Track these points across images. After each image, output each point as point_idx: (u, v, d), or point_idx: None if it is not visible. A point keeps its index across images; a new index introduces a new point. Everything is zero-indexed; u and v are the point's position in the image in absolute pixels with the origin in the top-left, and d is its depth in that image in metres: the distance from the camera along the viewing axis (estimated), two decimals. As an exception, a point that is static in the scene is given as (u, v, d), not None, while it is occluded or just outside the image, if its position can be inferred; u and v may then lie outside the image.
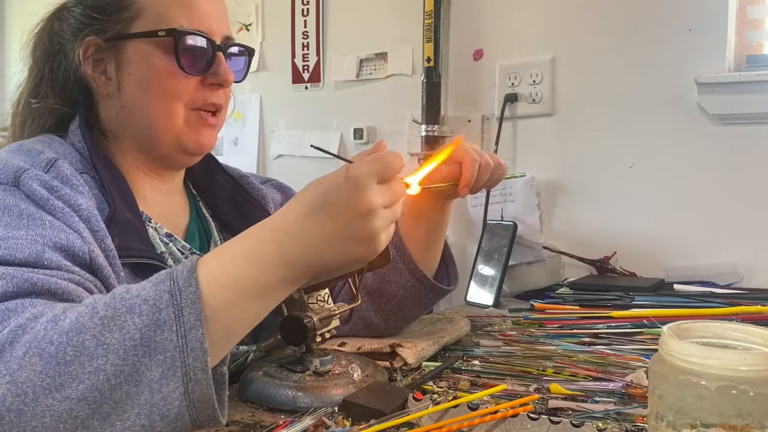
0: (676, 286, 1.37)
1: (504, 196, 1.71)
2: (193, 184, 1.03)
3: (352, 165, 0.66)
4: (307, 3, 2.03)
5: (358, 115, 1.95)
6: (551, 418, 0.69)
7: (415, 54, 1.84)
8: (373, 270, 0.90)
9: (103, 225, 0.76)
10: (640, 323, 1.07)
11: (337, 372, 0.83)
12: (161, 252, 0.87)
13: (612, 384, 0.84)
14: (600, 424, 0.69)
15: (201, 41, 0.86)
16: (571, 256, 1.60)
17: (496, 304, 1.47)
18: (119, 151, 0.90)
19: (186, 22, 0.85)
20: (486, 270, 1.55)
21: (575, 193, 1.65)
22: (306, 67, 2.05)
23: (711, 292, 1.31)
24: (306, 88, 2.06)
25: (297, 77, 2.07)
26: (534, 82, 1.68)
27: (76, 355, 0.54)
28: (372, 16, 1.92)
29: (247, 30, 2.15)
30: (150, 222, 0.89)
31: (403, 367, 0.92)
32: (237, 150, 2.20)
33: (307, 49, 2.04)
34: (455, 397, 0.76)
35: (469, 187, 0.91)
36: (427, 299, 1.02)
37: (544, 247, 1.62)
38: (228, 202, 1.01)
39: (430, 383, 0.86)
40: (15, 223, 0.68)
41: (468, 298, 1.54)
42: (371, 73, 1.93)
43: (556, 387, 0.82)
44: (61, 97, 0.91)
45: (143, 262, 0.79)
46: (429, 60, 1.73)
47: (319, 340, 0.82)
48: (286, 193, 1.11)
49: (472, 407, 0.72)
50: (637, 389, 0.81)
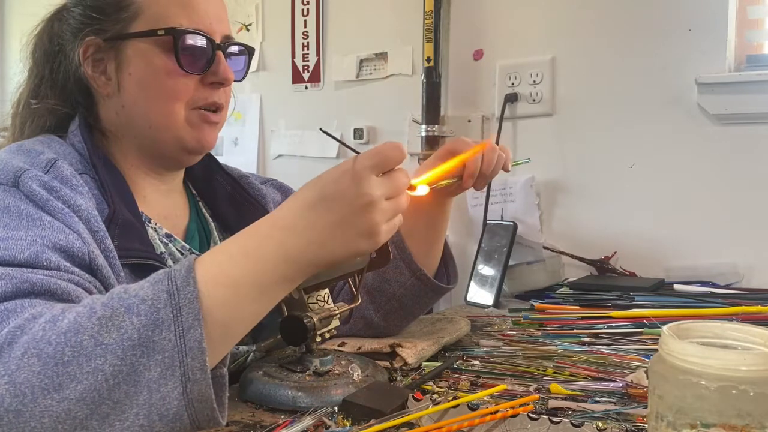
0: (676, 286, 1.37)
1: (504, 196, 1.71)
2: (192, 184, 1.03)
3: (350, 158, 0.67)
4: (307, 3, 2.03)
5: (358, 115, 1.95)
6: (551, 418, 0.69)
7: (415, 54, 1.84)
8: (374, 269, 0.90)
9: (103, 225, 0.76)
10: (640, 323, 1.07)
11: (337, 372, 0.83)
12: (161, 252, 0.87)
13: (612, 384, 0.84)
14: (600, 424, 0.69)
15: (201, 40, 0.86)
16: (571, 256, 1.60)
17: (496, 304, 1.47)
18: (119, 151, 0.90)
19: (186, 22, 0.85)
20: (486, 270, 1.55)
21: (575, 193, 1.65)
22: (306, 67, 2.05)
23: (711, 292, 1.31)
24: (306, 88, 2.06)
25: (297, 77, 2.07)
26: (534, 82, 1.68)
27: (75, 356, 0.54)
28: (372, 16, 1.92)
29: (247, 30, 2.15)
30: (150, 222, 0.89)
31: (403, 367, 0.92)
32: (237, 150, 2.20)
33: (307, 49, 2.04)
34: (455, 397, 0.76)
35: (474, 177, 0.91)
36: (427, 298, 1.02)
37: (544, 247, 1.62)
38: (228, 202, 1.01)
39: (430, 383, 0.86)
40: (14, 224, 0.68)
41: (468, 298, 1.54)
42: (371, 73, 1.93)
43: (556, 387, 0.82)
44: (61, 97, 0.91)
45: (143, 263, 0.79)
46: (429, 60, 1.73)
47: (319, 340, 0.82)
48: (286, 193, 1.11)
49: (472, 407, 0.72)
50: (637, 389, 0.81)
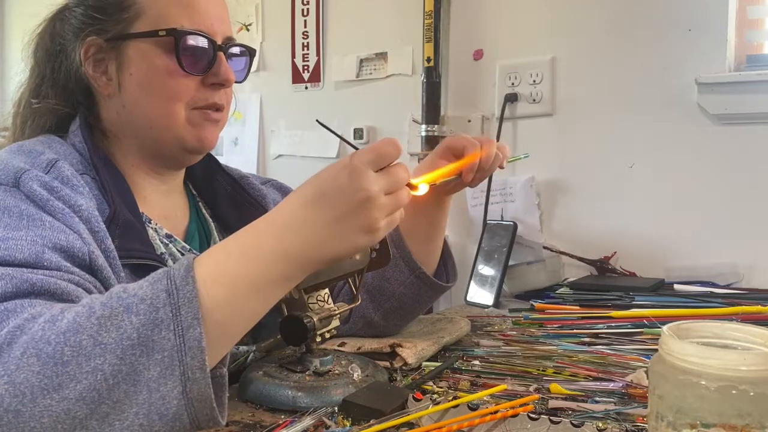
0: (676, 286, 1.38)
1: (504, 196, 1.71)
2: (193, 184, 1.03)
3: (348, 156, 0.67)
4: (307, 3, 2.03)
5: (358, 115, 1.95)
6: (551, 418, 0.69)
7: (415, 54, 1.84)
8: (374, 269, 0.90)
9: (104, 226, 0.75)
10: (640, 323, 1.07)
11: (337, 372, 0.83)
12: (161, 253, 0.87)
13: (612, 384, 0.84)
14: (600, 424, 0.69)
15: (202, 41, 0.86)
16: (571, 256, 1.60)
17: (496, 304, 1.47)
18: (120, 152, 0.90)
19: (187, 22, 0.85)
20: (486, 270, 1.55)
21: (575, 193, 1.65)
22: (306, 67, 2.05)
23: (711, 292, 1.31)
24: (306, 88, 2.06)
25: (297, 77, 2.07)
26: (534, 82, 1.68)
27: (74, 356, 0.54)
28: (372, 16, 1.92)
29: (247, 30, 2.15)
30: (150, 223, 0.89)
31: (403, 367, 0.92)
32: (237, 150, 2.20)
33: (307, 49, 2.04)
34: (455, 397, 0.76)
35: (473, 172, 0.91)
36: (426, 296, 1.02)
37: (544, 247, 1.62)
38: (228, 203, 1.01)
39: (430, 383, 0.86)
40: (15, 224, 0.68)
41: (468, 298, 1.54)
42: (371, 73, 1.93)
43: (556, 387, 0.82)
44: (62, 97, 0.91)
45: (143, 263, 0.79)
46: (429, 60, 1.73)
47: (319, 340, 0.82)
48: (286, 193, 1.10)
49: (472, 407, 0.72)
50: (637, 389, 0.81)
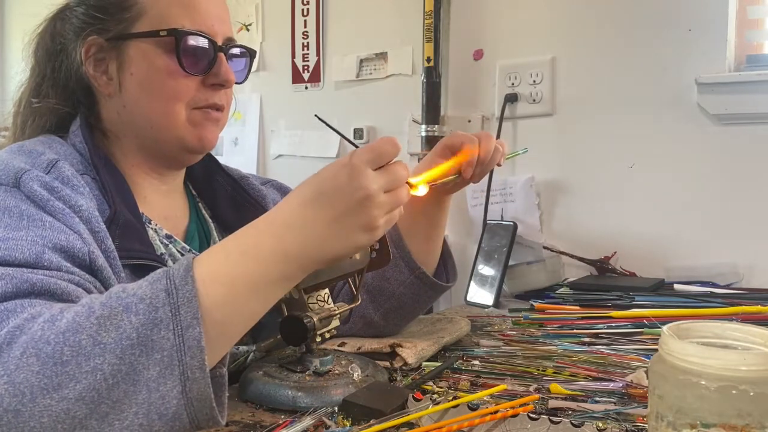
0: (676, 286, 1.38)
1: (504, 196, 1.71)
2: (193, 184, 1.03)
3: (347, 155, 0.67)
4: (307, 3, 2.03)
5: (358, 115, 1.95)
6: (551, 418, 0.69)
7: (415, 54, 1.84)
8: (374, 269, 0.90)
9: (104, 226, 0.76)
10: (640, 323, 1.07)
11: (337, 372, 0.83)
12: (161, 253, 0.87)
13: (612, 384, 0.84)
14: (600, 424, 0.69)
15: (203, 42, 0.86)
16: (571, 256, 1.60)
17: (496, 304, 1.47)
18: (120, 151, 0.90)
19: (188, 23, 0.85)
20: (486, 270, 1.55)
21: (575, 193, 1.65)
22: (306, 67, 2.05)
23: (711, 292, 1.31)
24: (306, 88, 2.06)
25: (297, 77, 2.07)
26: (534, 82, 1.68)
27: (73, 355, 0.54)
28: (372, 16, 1.92)
29: (247, 30, 2.15)
30: (150, 223, 0.89)
31: (403, 367, 0.92)
32: (237, 150, 2.20)
33: (307, 49, 2.04)
34: (455, 397, 0.76)
35: (473, 166, 0.91)
36: (426, 296, 1.02)
37: (544, 247, 1.62)
38: (228, 203, 1.01)
39: (430, 383, 0.86)
40: (15, 224, 0.68)
41: (468, 298, 1.54)
42: (371, 73, 1.93)
43: (556, 387, 0.82)
44: (63, 96, 0.91)
45: (143, 264, 0.79)
46: (429, 60, 1.73)
47: (319, 340, 0.82)
48: (286, 193, 1.10)
49: (472, 407, 0.72)
50: (637, 389, 0.81)
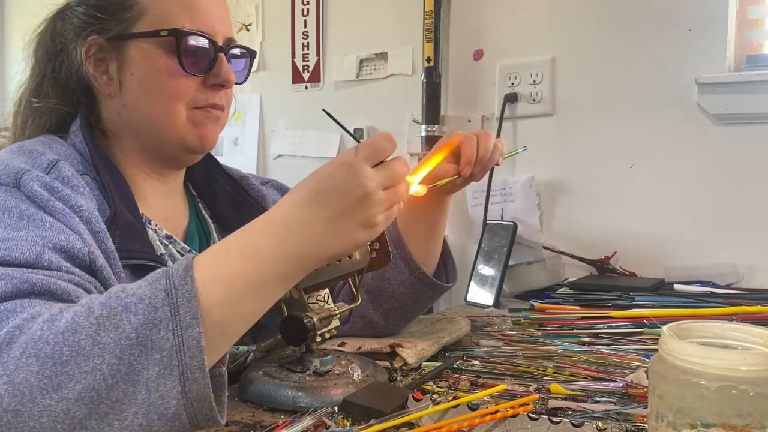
0: (676, 286, 1.38)
1: (504, 196, 1.71)
2: (193, 185, 1.03)
3: (344, 153, 0.67)
4: (307, 3, 2.03)
5: (358, 115, 1.95)
6: (551, 418, 0.69)
7: (415, 54, 1.84)
8: (374, 269, 0.90)
9: (104, 226, 0.76)
10: (640, 323, 1.07)
11: (337, 372, 0.83)
12: (161, 254, 0.87)
13: (612, 384, 0.84)
14: (600, 424, 0.69)
15: (203, 42, 0.86)
16: (571, 256, 1.60)
17: (496, 304, 1.47)
18: (120, 151, 0.90)
19: (188, 23, 0.85)
20: (486, 270, 1.55)
21: (575, 193, 1.65)
22: (306, 67, 2.05)
23: (711, 292, 1.31)
24: (306, 88, 2.06)
25: (297, 77, 2.07)
26: (534, 82, 1.68)
27: (73, 355, 0.54)
28: (372, 16, 1.92)
29: (247, 30, 2.15)
30: (150, 223, 0.89)
31: (403, 367, 0.92)
32: (237, 150, 2.20)
33: (307, 49, 2.04)
34: (455, 397, 0.76)
35: (471, 165, 0.91)
36: (426, 296, 1.02)
37: (544, 247, 1.62)
38: (228, 203, 1.01)
39: (430, 383, 0.86)
40: (15, 224, 0.68)
41: (468, 298, 1.54)
42: (371, 73, 1.93)
43: (556, 387, 0.82)
44: (63, 96, 0.91)
45: (143, 264, 0.79)
46: (429, 60, 1.73)
47: (319, 340, 0.82)
48: (286, 193, 1.10)
49: (472, 407, 0.72)
50: (637, 389, 0.81)
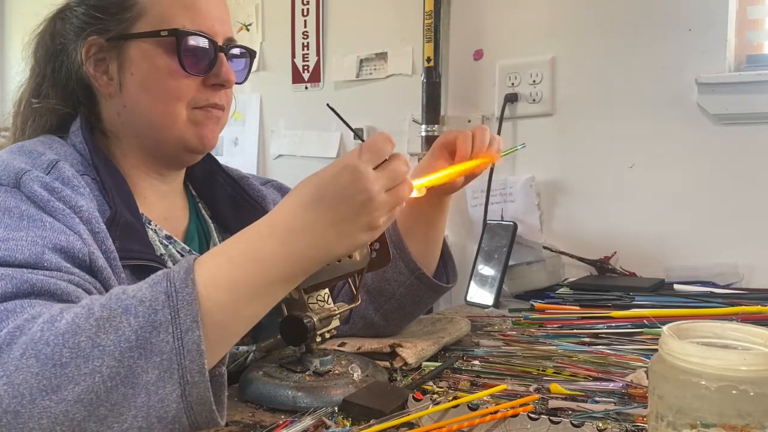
0: (676, 286, 1.38)
1: (504, 196, 1.71)
2: (193, 185, 1.03)
3: (345, 156, 0.67)
4: (307, 3, 2.03)
5: (358, 115, 1.95)
6: (551, 418, 0.69)
7: (415, 54, 1.84)
8: (374, 270, 0.90)
9: (104, 227, 0.75)
10: (640, 323, 1.07)
11: (337, 372, 0.83)
12: (161, 254, 0.87)
13: (612, 384, 0.84)
14: (600, 424, 0.69)
15: (203, 42, 0.86)
16: (571, 256, 1.60)
17: (496, 304, 1.47)
18: (120, 152, 0.90)
19: (188, 23, 0.85)
20: (486, 270, 1.55)
21: (575, 193, 1.65)
22: (306, 67, 2.05)
23: (711, 292, 1.31)
24: (306, 88, 2.06)
25: (297, 77, 2.07)
26: (534, 82, 1.68)
27: (72, 357, 0.54)
28: (372, 16, 1.92)
29: (247, 30, 2.15)
30: (150, 224, 0.89)
31: (403, 367, 0.92)
32: (237, 150, 2.20)
33: (307, 49, 2.04)
34: (455, 397, 0.76)
35: (468, 158, 0.91)
36: (426, 297, 1.02)
37: (544, 247, 1.62)
38: (228, 204, 1.01)
39: (430, 383, 0.86)
40: (15, 225, 0.68)
41: (468, 298, 1.54)
42: (371, 73, 1.93)
43: (556, 387, 0.82)
44: (63, 97, 0.91)
45: (143, 264, 0.79)
46: (429, 60, 1.73)
47: (319, 340, 0.82)
48: (286, 193, 1.10)
49: (472, 407, 0.72)
50: (637, 389, 0.81)
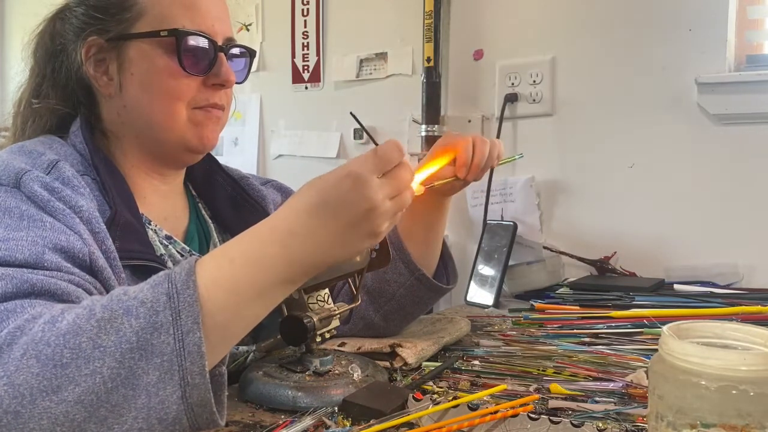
0: (676, 286, 1.38)
1: (504, 196, 1.71)
2: (193, 185, 1.03)
3: (352, 161, 0.67)
4: (307, 3, 2.03)
5: (358, 115, 1.94)
6: (551, 418, 0.69)
7: (415, 54, 1.84)
8: (374, 270, 0.90)
9: (104, 227, 0.75)
10: (640, 323, 1.07)
11: (337, 372, 0.83)
12: (161, 254, 0.87)
13: (612, 384, 0.84)
14: (600, 424, 0.69)
15: (203, 42, 0.86)
16: (571, 256, 1.60)
17: (496, 304, 1.47)
18: (120, 152, 0.90)
19: (188, 23, 0.85)
20: (486, 270, 1.55)
21: (575, 193, 1.65)
22: (306, 67, 2.05)
23: (711, 292, 1.31)
24: (306, 88, 2.06)
25: (297, 77, 2.07)
26: (534, 82, 1.68)
27: (73, 358, 0.54)
28: (372, 16, 1.92)
29: (247, 30, 2.15)
30: (150, 224, 0.89)
31: (403, 367, 0.92)
32: (237, 150, 2.20)
33: (307, 49, 2.04)
34: (455, 397, 0.76)
35: (467, 166, 0.91)
36: (426, 298, 1.02)
37: (544, 247, 1.62)
38: (228, 204, 1.01)
39: (430, 383, 0.86)
40: (15, 225, 0.68)
41: (468, 298, 1.54)
42: (371, 73, 1.93)
43: (556, 387, 0.82)
44: (63, 97, 0.91)
45: (143, 264, 0.79)
46: (429, 60, 1.73)
47: (319, 340, 0.82)
48: (287, 194, 1.10)
49: (472, 407, 0.72)
50: (637, 389, 0.81)
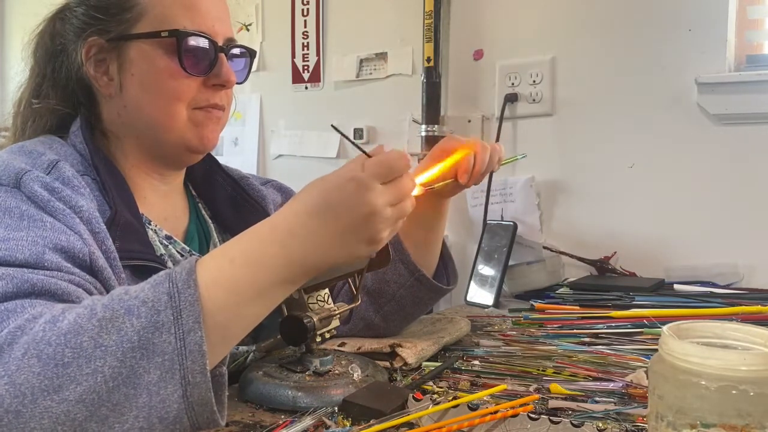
0: (676, 286, 1.38)
1: (504, 196, 1.71)
2: (193, 185, 1.03)
3: (356, 166, 0.67)
4: (307, 3, 2.03)
5: (358, 115, 1.95)
6: (551, 418, 0.69)
7: (415, 54, 1.84)
8: (373, 270, 0.90)
9: (104, 227, 0.76)
10: (640, 323, 1.07)
11: (337, 372, 0.83)
12: (161, 254, 0.87)
13: (612, 384, 0.84)
14: (600, 424, 0.69)
15: (203, 42, 0.86)
16: (571, 256, 1.60)
17: (496, 304, 1.47)
18: (120, 152, 0.90)
19: (189, 23, 0.85)
20: (486, 270, 1.55)
21: (575, 193, 1.65)
22: (306, 67, 2.05)
23: (711, 292, 1.31)
24: (306, 88, 2.06)
25: (297, 77, 2.07)
26: (534, 82, 1.68)
27: (74, 357, 0.54)
28: (372, 16, 1.92)
29: (247, 30, 2.15)
30: (149, 224, 0.89)
31: (403, 367, 0.92)
32: (237, 150, 2.20)
33: (307, 49, 2.04)
34: (455, 397, 0.76)
35: (469, 173, 0.91)
36: (426, 298, 1.02)
37: (544, 247, 1.62)
38: (228, 204, 1.01)
39: (430, 383, 0.86)
40: (16, 225, 0.68)
41: (468, 298, 1.54)
42: (371, 73, 1.93)
43: (556, 387, 0.82)
44: (63, 97, 0.91)
45: (144, 265, 0.79)
46: (429, 60, 1.73)
47: (319, 340, 0.82)
48: (287, 194, 1.10)
49: (472, 407, 0.72)
50: (637, 389, 0.81)
